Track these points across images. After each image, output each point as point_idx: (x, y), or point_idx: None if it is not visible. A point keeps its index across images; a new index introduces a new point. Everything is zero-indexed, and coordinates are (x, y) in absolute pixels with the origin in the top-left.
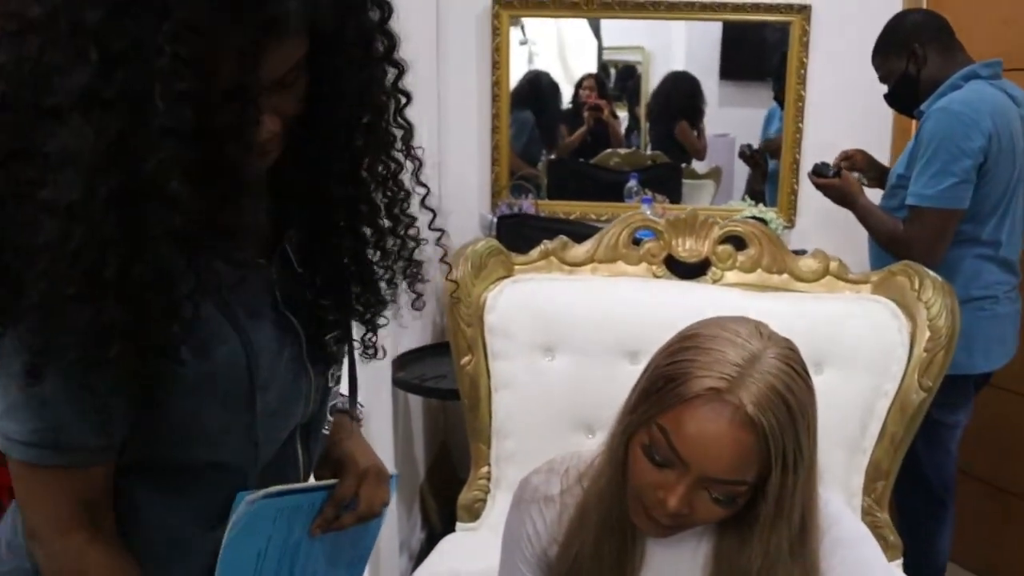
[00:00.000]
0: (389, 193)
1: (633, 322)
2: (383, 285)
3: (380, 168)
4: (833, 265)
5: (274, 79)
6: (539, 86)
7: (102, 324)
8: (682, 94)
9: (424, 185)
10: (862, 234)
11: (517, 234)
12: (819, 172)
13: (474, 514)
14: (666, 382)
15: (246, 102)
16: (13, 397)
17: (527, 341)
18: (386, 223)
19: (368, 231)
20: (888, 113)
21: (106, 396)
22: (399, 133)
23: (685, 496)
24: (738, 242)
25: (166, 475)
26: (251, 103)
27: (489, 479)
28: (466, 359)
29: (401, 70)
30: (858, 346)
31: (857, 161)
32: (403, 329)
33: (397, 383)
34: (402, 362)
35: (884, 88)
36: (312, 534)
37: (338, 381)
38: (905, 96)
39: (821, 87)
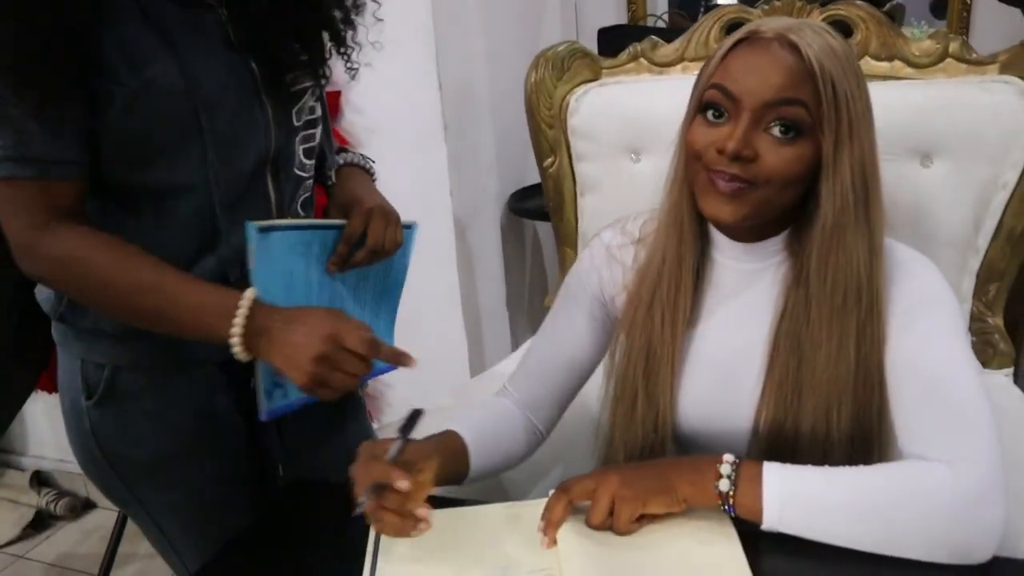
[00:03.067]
0: None
1: None
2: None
3: None
4: (954, 46)
5: None
6: None
7: (29, 45)
8: None
9: None
10: None
11: (620, 47)
12: None
13: None
14: (711, 58)
15: None
16: None
17: (612, 143)
18: None
19: None
20: None
21: (56, 111)
22: None
23: (744, 136)
24: (844, 29)
25: (141, 198)
26: None
27: None
28: (549, 160)
29: None
30: (974, 133)
31: None
32: (516, 167)
33: (516, 212)
34: (519, 196)
35: None
36: (329, 271)
37: (312, 125)
38: None
39: None
